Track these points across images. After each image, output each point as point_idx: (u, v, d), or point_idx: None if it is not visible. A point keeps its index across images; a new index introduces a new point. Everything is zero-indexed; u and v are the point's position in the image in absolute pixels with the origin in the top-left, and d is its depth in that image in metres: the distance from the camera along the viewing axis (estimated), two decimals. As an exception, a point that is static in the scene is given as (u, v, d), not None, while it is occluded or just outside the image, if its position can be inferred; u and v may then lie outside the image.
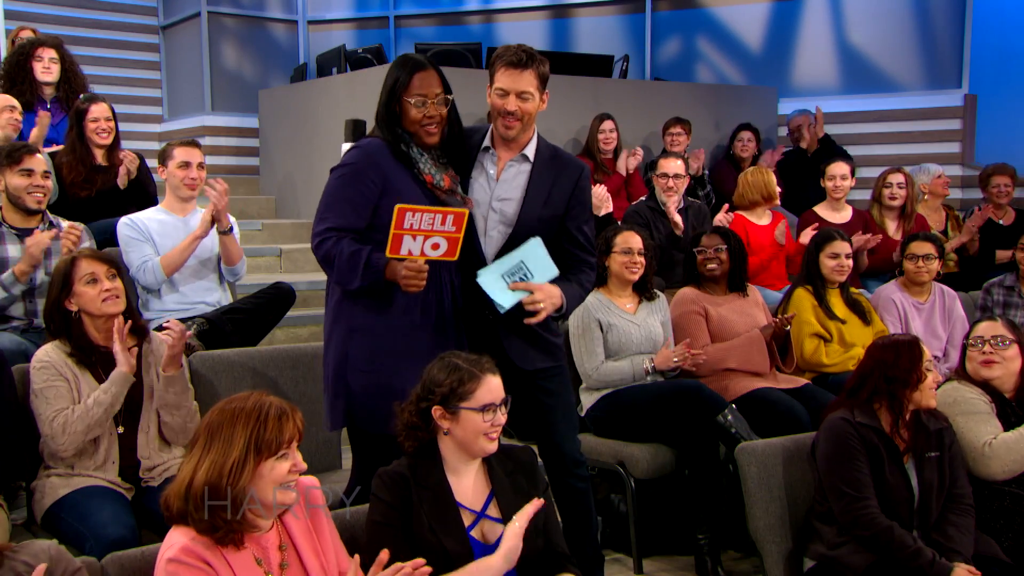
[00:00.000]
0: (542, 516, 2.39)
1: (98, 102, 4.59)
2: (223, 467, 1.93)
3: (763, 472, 3.02)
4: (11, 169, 3.57)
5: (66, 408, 2.76)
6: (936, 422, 2.86)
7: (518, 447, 2.47)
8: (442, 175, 2.83)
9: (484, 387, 2.30)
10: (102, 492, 2.71)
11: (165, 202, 4.04)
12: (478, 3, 8.56)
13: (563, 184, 3.04)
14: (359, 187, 2.77)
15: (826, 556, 2.82)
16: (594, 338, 3.81)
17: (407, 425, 2.36)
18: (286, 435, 2.00)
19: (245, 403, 2.01)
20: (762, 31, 7.80)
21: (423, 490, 2.28)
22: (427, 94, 2.78)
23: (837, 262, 4.24)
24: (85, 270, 2.86)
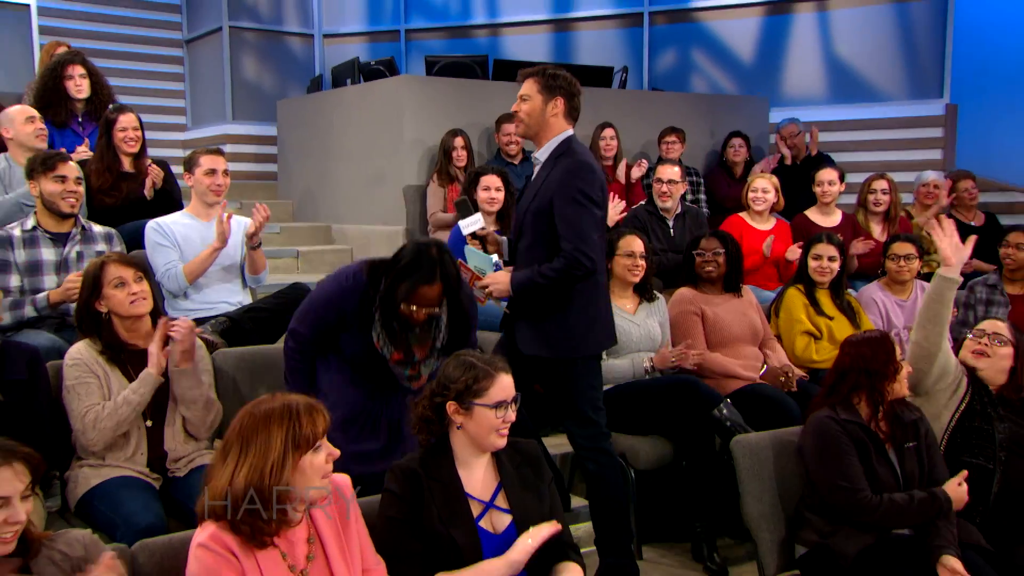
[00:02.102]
0: (547, 506, 2.39)
1: (126, 112, 4.58)
2: (264, 468, 1.90)
3: (756, 464, 3.01)
4: (45, 176, 3.56)
5: (97, 404, 2.76)
6: (910, 413, 2.88)
7: (525, 442, 2.46)
8: (392, 351, 2.89)
9: (497, 385, 2.29)
10: (132, 482, 2.71)
11: (191, 207, 4.03)
12: (484, 17, 8.55)
13: (552, 179, 3.12)
14: (325, 317, 2.97)
15: (818, 543, 2.81)
16: (596, 337, 3.80)
17: (421, 418, 2.35)
18: (319, 427, 1.99)
19: (273, 404, 1.98)
20: (753, 44, 7.78)
21: (434, 482, 2.27)
22: (422, 305, 2.83)
23: (819, 263, 4.24)
24: (114, 274, 2.85)
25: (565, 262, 3.05)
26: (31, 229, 3.59)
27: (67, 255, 3.62)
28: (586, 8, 8.24)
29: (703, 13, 7.92)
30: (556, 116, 3.15)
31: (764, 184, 5.22)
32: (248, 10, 8.50)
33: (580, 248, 3.04)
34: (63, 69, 5.03)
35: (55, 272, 3.58)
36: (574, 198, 3.07)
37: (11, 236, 3.55)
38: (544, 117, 3.15)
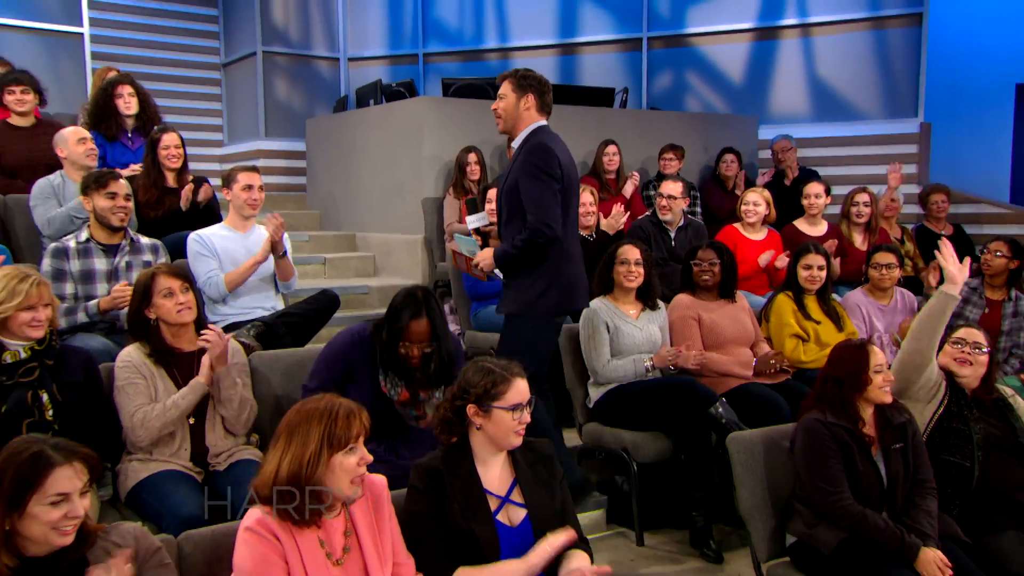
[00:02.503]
0: (559, 501, 2.37)
1: (169, 132, 4.58)
2: (302, 460, 1.93)
3: (750, 459, 2.98)
4: (98, 192, 3.57)
5: (145, 405, 2.76)
6: (899, 415, 2.82)
7: (538, 441, 2.44)
8: (400, 390, 2.92)
9: (514, 389, 2.27)
10: (177, 476, 2.71)
11: (228, 219, 4.02)
12: (496, 42, 8.52)
13: (517, 161, 3.34)
14: (335, 368, 2.97)
15: (804, 533, 2.78)
16: (602, 339, 3.79)
17: (443, 420, 2.34)
18: (353, 431, 1.99)
19: (318, 404, 2.01)
20: (743, 66, 7.74)
21: (455, 479, 2.26)
22: (414, 341, 2.86)
23: (809, 272, 4.21)
24: (163, 285, 2.85)
25: (529, 232, 3.26)
26: (85, 241, 3.59)
27: (117, 265, 3.61)
28: (589, 34, 8.20)
29: (697, 38, 7.88)
30: (528, 110, 3.36)
31: (756, 198, 5.19)
32: (280, 36, 8.50)
33: (541, 219, 3.24)
34: (113, 89, 5.07)
35: (106, 281, 3.57)
36: (533, 174, 3.26)
37: (67, 247, 3.55)
38: (518, 111, 3.37)
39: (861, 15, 7.27)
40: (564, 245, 3.37)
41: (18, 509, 1.77)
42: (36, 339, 2.62)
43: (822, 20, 7.40)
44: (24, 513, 1.77)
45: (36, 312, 2.59)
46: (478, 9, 8.59)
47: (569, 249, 3.41)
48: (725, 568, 3.42)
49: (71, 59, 6.96)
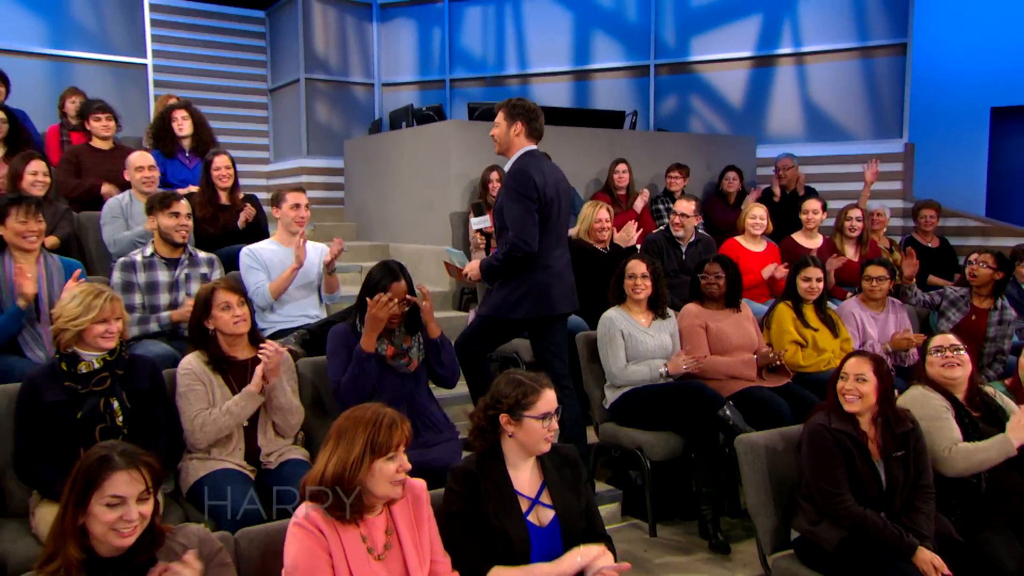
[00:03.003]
0: (584, 502, 2.32)
1: (220, 154, 4.58)
2: (346, 463, 1.92)
3: (756, 459, 2.92)
4: (163, 212, 3.55)
5: (204, 410, 2.73)
6: (903, 424, 2.71)
7: (564, 445, 2.39)
8: (386, 347, 3.06)
9: (543, 399, 2.22)
10: (233, 474, 2.67)
11: (276, 235, 3.99)
12: (516, 69, 8.46)
13: (503, 184, 3.47)
14: (340, 362, 3.04)
15: (807, 530, 2.71)
16: (617, 345, 3.73)
17: (477, 428, 2.29)
18: (395, 440, 1.96)
19: (365, 412, 1.99)
20: (742, 91, 7.64)
21: (488, 482, 2.21)
22: (398, 297, 3.03)
23: (809, 284, 4.13)
24: (222, 299, 2.82)
25: (508, 247, 3.34)
26: (149, 255, 3.57)
27: (177, 277, 3.59)
28: (601, 61, 8.13)
29: (700, 65, 7.79)
30: (519, 136, 3.41)
31: (761, 212, 5.12)
32: (321, 64, 8.49)
33: (518, 235, 3.31)
34: (171, 112, 5.12)
35: (168, 291, 3.55)
36: (512, 196, 3.34)
37: (134, 261, 3.53)
38: (509, 137, 3.42)
39: (850, 45, 7.15)
40: (544, 258, 3.42)
41: (84, 507, 1.74)
42: (108, 350, 2.59)
43: (814, 49, 7.29)
44: (87, 511, 1.75)
45: (109, 325, 2.57)
46: (500, 39, 8.54)
47: (547, 261, 3.44)
48: (732, 558, 3.35)
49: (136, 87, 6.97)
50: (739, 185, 6.50)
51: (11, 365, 3.03)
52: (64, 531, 1.76)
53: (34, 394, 2.50)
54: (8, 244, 3.22)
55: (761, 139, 7.41)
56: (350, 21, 8.67)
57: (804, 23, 7.32)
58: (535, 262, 3.38)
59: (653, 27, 7.88)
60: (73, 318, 2.52)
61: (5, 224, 3.18)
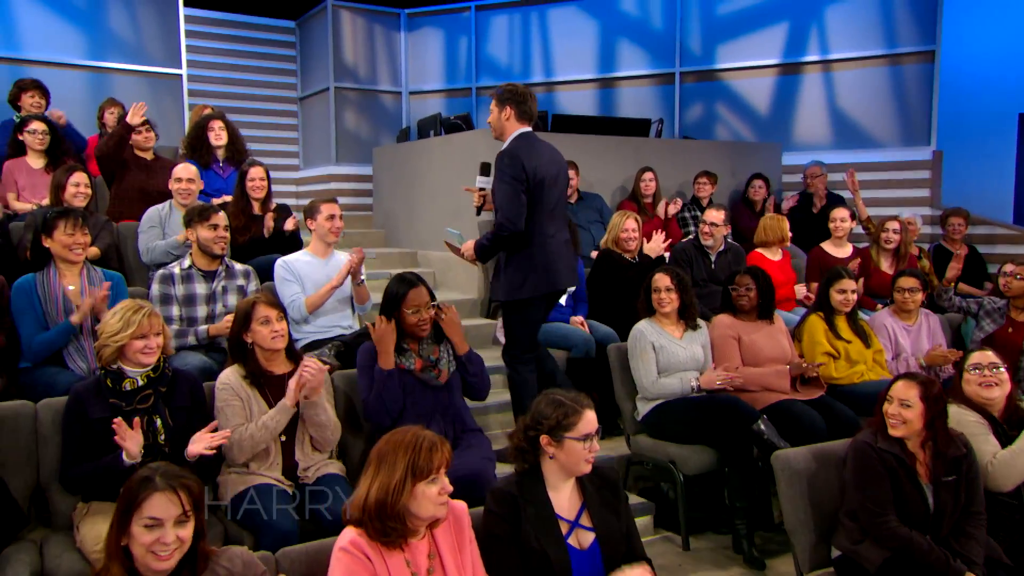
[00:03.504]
0: (625, 524, 2.26)
1: (256, 166, 4.59)
2: (388, 487, 1.89)
3: (794, 476, 2.84)
4: (202, 224, 3.54)
5: (241, 425, 2.70)
6: (956, 448, 2.59)
7: (604, 466, 2.33)
8: (414, 360, 3.04)
9: (584, 420, 2.17)
10: (272, 490, 2.62)
11: (311, 246, 3.96)
12: (542, 77, 8.39)
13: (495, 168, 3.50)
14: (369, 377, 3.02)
15: (849, 549, 2.63)
16: (649, 358, 3.65)
17: (517, 448, 2.24)
18: (436, 463, 1.92)
19: (405, 436, 1.95)
20: (768, 98, 7.52)
21: (528, 504, 2.16)
22: (419, 304, 3.01)
23: (843, 296, 4.03)
24: (262, 313, 2.79)
25: (496, 227, 3.41)
26: (187, 268, 3.56)
27: (214, 289, 3.57)
28: (627, 69, 8.03)
29: (725, 73, 7.67)
30: (509, 120, 3.47)
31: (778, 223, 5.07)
32: (349, 73, 8.48)
33: (505, 215, 3.37)
34: (206, 123, 5.13)
35: (206, 303, 3.53)
36: (501, 178, 3.38)
37: (172, 274, 3.52)
38: (501, 122, 3.49)
39: (878, 52, 7.00)
40: (541, 236, 3.46)
41: (126, 528, 1.72)
42: (149, 365, 2.57)
43: (842, 57, 7.14)
44: (129, 532, 1.72)
45: (148, 340, 2.54)
46: (526, 47, 8.48)
47: (543, 239, 3.48)
48: (767, 574, 3.26)
49: (171, 97, 7.00)
50: (765, 193, 6.39)
51: (54, 377, 3.02)
52: (109, 551, 1.74)
53: (80, 409, 2.49)
54: (54, 256, 3.22)
55: (787, 146, 7.29)
56: (378, 30, 8.66)
57: (831, 30, 7.18)
58: (531, 241, 3.43)
59: (679, 35, 7.78)
60: (113, 334, 2.50)
61: (53, 237, 3.19)
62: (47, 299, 3.14)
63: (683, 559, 3.39)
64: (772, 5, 7.40)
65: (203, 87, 7.99)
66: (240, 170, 4.62)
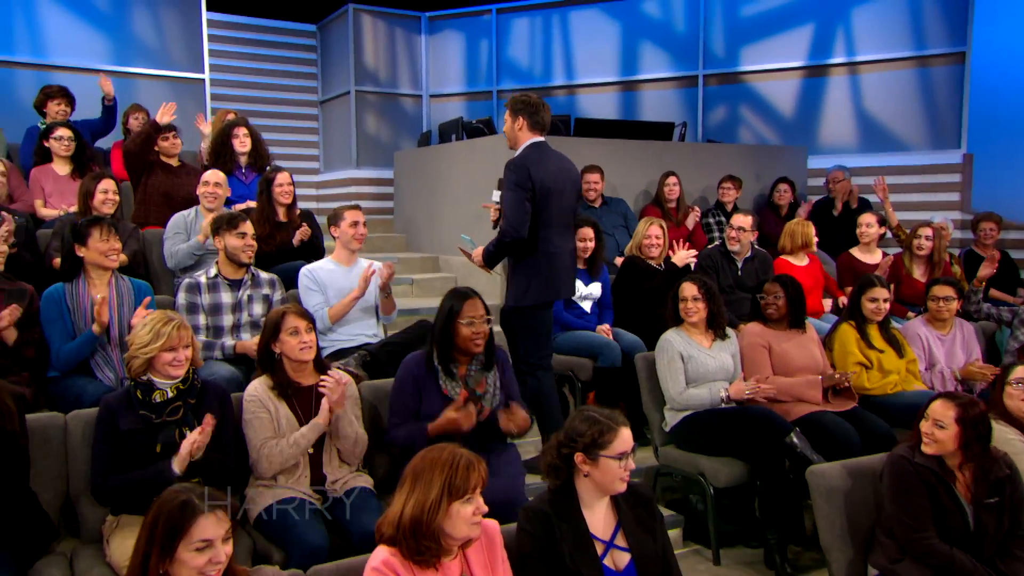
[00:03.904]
0: (661, 544, 2.21)
1: (281, 172, 4.57)
2: (424, 505, 1.86)
3: (830, 492, 2.79)
4: (230, 232, 3.53)
5: (270, 439, 2.67)
6: (999, 469, 2.52)
7: (638, 484, 2.28)
8: (458, 390, 2.88)
9: (620, 438, 2.12)
10: (300, 504, 2.60)
11: (335, 254, 3.94)
12: (563, 80, 8.35)
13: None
14: (405, 390, 2.91)
15: (887, 568, 2.56)
16: (677, 368, 3.60)
17: (550, 466, 2.19)
18: (472, 482, 1.89)
19: (441, 453, 1.92)
20: (793, 100, 7.42)
21: (563, 523, 2.11)
22: (475, 316, 2.88)
23: (875, 305, 3.95)
24: (291, 324, 2.77)
25: (500, 234, 3.47)
26: (213, 276, 3.54)
27: (240, 298, 3.56)
28: (649, 72, 7.97)
29: (749, 75, 7.59)
30: (522, 130, 3.53)
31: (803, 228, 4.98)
32: (370, 76, 8.48)
33: (509, 223, 3.43)
34: (231, 129, 5.12)
35: (232, 312, 3.52)
36: (508, 187, 3.44)
37: (199, 283, 3.51)
38: (514, 132, 3.55)
39: (906, 54, 6.89)
40: (547, 246, 3.52)
41: (170, 555, 1.70)
42: (178, 378, 2.56)
43: (869, 59, 7.04)
44: (174, 559, 1.70)
45: (177, 353, 2.53)
46: (547, 50, 8.44)
47: (548, 248, 3.53)
48: (800, 590, 3.21)
49: (193, 102, 7.02)
50: (791, 197, 6.31)
51: (83, 387, 3.02)
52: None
53: (111, 420, 2.48)
54: (87, 265, 3.22)
55: (813, 149, 7.19)
56: (399, 33, 8.66)
57: (858, 32, 7.08)
58: (536, 249, 3.50)
59: (702, 37, 7.71)
60: (142, 345, 2.49)
61: (87, 245, 3.19)
62: (76, 309, 3.15)
63: (714, 573, 3.34)
64: (797, 6, 7.31)
65: (225, 91, 8.03)
66: (264, 177, 4.61)
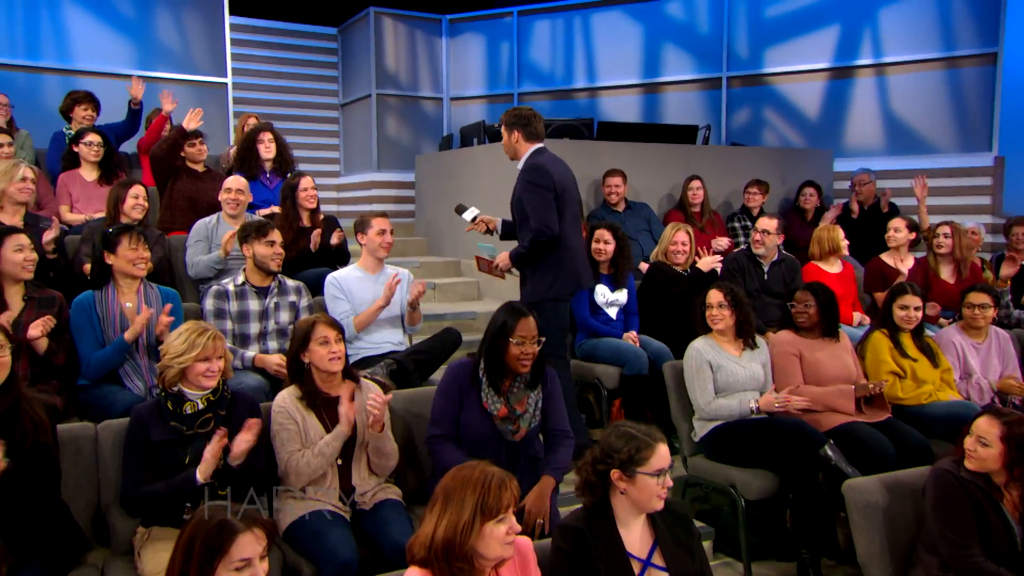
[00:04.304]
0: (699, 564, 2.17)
1: (305, 176, 4.57)
2: (456, 526, 1.83)
3: (867, 506, 2.72)
4: (259, 241, 3.52)
5: (297, 451, 2.66)
6: None
7: (676, 502, 2.24)
8: (499, 406, 2.82)
9: (657, 455, 2.08)
10: (329, 516, 2.58)
11: (361, 261, 3.93)
12: (585, 82, 8.31)
13: (519, 180, 3.72)
14: (448, 398, 2.85)
15: (929, 585, 2.50)
16: (706, 377, 3.54)
17: (585, 483, 2.16)
18: (505, 502, 1.85)
19: (473, 472, 1.88)
20: (819, 102, 7.33)
21: (599, 542, 2.07)
22: (526, 335, 2.80)
23: (906, 313, 3.87)
24: (321, 333, 2.75)
25: (534, 234, 3.61)
26: (241, 284, 3.54)
27: (267, 305, 3.55)
28: (672, 74, 7.91)
29: (774, 77, 7.51)
30: (519, 142, 3.75)
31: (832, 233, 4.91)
32: (391, 79, 8.49)
33: (541, 222, 3.59)
34: (256, 135, 5.12)
35: (259, 320, 3.52)
36: (530, 188, 3.62)
37: (227, 290, 3.51)
38: (512, 144, 3.77)
39: (935, 55, 6.78)
40: (565, 240, 3.69)
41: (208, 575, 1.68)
42: (210, 388, 2.55)
43: (897, 60, 6.93)
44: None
45: (211, 364, 2.52)
46: (568, 52, 8.40)
47: (569, 243, 3.72)
48: (834, 605, 3.14)
49: (216, 106, 7.06)
50: (817, 201, 6.22)
51: (113, 396, 3.02)
52: None
53: (142, 432, 2.47)
54: (116, 273, 3.23)
55: (839, 152, 7.10)
56: (420, 36, 8.65)
57: (885, 33, 6.98)
58: (559, 244, 3.67)
59: (726, 38, 7.63)
60: (177, 355, 2.48)
61: (116, 253, 3.20)
62: (105, 317, 3.15)
63: (745, 588, 3.28)
64: (823, 8, 7.21)
65: (246, 95, 8.06)
66: (288, 182, 4.60)
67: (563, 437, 2.92)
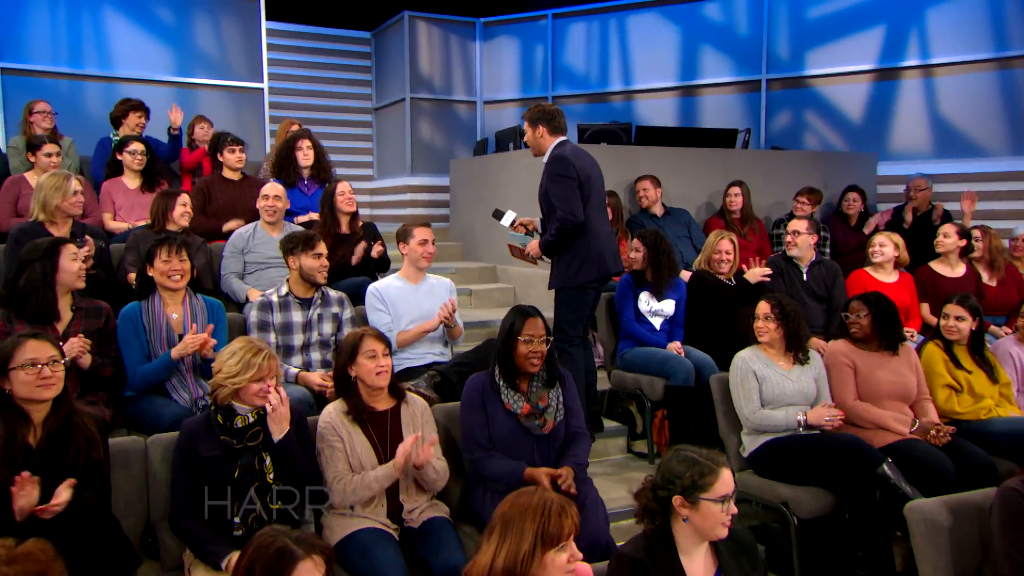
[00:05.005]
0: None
1: (342, 181, 4.60)
2: (517, 556, 1.77)
3: (931, 529, 2.61)
4: (306, 253, 3.51)
5: (344, 473, 2.62)
6: None
7: (740, 530, 2.16)
8: (522, 405, 2.90)
9: (721, 480, 2.01)
10: (378, 535, 2.54)
11: (403, 271, 3.90)
12: (620, 85, 8.21)
13: (544, 172, 3.81)
14: (476, 409, 2.90)
15: (998, 614, 2.39)
16: (751, 387, 3.46)
17: (645, 509, 2.09)
18: (565, 529, 1.79)
19: (531, 499, 1.83)
20: (863, 104, 7.15)
21: (659, 572, 2.00)
22: (534, 334, 2.90)
23: (946, 322, 3.77)
24: (368, 346, 2.72)
25: (560, 222, 3.71)
26: (285, 295, 3.53)
27: (310, 317, 3.54)
28: (710, 76, 7.79)
29: (815, 79, 7.35)
30: (543, 137, 3.85)
31: (882, 239, 4.74)
32: (425, 83, 8.47)
33: (567, 210, 3.69)
34: (295, 142, 5.14)
35: (302, 331, 3.50)
36: (554, 179, 3.73)
37: (270, 302, 3.50)
38: (536, 140, 3.88)
39: (986, 56, 6.57)
40: (591, 227, 3.79)
41: None
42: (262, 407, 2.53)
43: (945, 61, 6.74)
44: None
45: (264, 384, 2.50)
46: (604, 55, 8.31)
47: (596, 229, 3.82)
48: (893, 631, 3.04)
49: (253, 111, 7.10)
50: (861, 206, 6.07)
51: (160, 410, 3.02)
52: None
53: (191, 447, 2.46)
54: (157, 285, 3.23)
55: (883, 156, 6.93)
56: (454, 40, 8.63)
57: (933, 33, 6.79)
58: (584, 232, 3.76)
59: (765, 40, 7.49)
60: (232, 375, 2.46)
61: (154, 265, 3.20)
62: (151, 328, 3.15)
63: (798, 610, 3.19)
64: (867, 8, 7.04)
65: (281, 99, 8.10)
66: (327, 188, 4.60)
67: (581, 436, 3.03)
